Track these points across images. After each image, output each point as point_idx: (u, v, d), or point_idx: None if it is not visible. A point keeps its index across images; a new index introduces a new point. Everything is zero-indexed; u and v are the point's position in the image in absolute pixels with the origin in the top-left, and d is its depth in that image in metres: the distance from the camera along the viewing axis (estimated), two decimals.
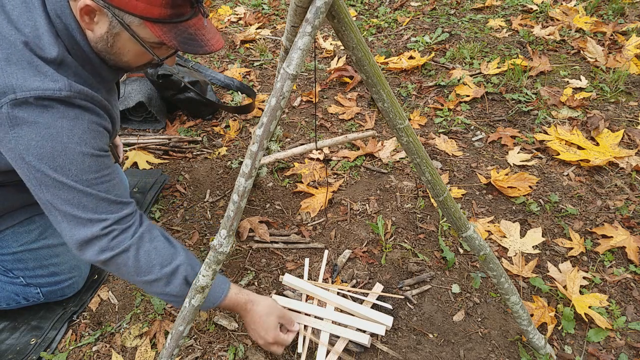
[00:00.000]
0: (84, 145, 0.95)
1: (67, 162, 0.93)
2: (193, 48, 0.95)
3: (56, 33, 0.92)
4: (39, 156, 0.91)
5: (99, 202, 0.98)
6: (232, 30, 3.21)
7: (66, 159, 0.93)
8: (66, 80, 0.91)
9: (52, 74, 0.90)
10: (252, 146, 0.76)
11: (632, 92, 2.23)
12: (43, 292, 1.35)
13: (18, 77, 0.87)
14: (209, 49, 0.96)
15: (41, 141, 0.90)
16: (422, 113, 2.26)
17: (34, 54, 0.89)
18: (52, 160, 0.92)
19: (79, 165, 0.94)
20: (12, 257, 1.28)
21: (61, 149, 0.92)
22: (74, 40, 0.94)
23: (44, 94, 0.88)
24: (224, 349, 1.31)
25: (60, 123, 0.91)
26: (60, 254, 1.36)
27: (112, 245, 1.00)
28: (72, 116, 0.93)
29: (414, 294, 1.42)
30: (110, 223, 0.99)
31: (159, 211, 1.76)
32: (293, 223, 1.71)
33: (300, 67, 0.70)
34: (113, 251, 1.00)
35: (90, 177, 0.97)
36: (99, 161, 0.99)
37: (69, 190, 0.95)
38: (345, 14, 0.72)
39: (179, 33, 0.92)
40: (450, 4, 3.31)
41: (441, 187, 0.95)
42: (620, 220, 1.62)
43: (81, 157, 0.95)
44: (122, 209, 1.03)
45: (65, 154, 0.92)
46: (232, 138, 2.16)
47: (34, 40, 0.89)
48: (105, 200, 0.99)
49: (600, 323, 1.31)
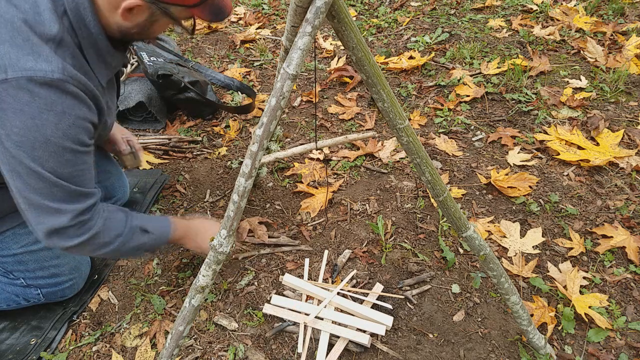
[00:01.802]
0: (66, 140, 0.94)
1: (46, 154, 0.92)
2: (219, 16, 0.99)
3: (61, 11, 0.90)
4: (18, 144, 0.90)
5: (69, 194, 0.99)
6: (232, 30, 3.21)
7: (46, 151, 0.92)
8: (60, 63, 0.89)
9: (47, 54, 0.88)
10: (252, 146, 0.76)
11: (632, 92, 2.23)
12: (43, 293, 1.35)
13: (11, 56, 0.85)
14: (228, 12, 1.01)
15: (24, 130, 0.89)
16: (422, 113, 2.26)
17: (33, 30, 0.87)
18: (32, 150, 0.91)
19: (57, 159, 0.94)
20: (12, 258, 1.28)
21: (43, 142, 0.91)
22: (83, 22, 0.93)
23: (36, 75, 0.86)
24: (224, 349, 1.31)
25: (47, 116, 0.90)
26: (60, 256, 1.36)
27: (81, 232, 1.04)
28: (59, 110, 0.91)
29: (414, 294, 1.42)
30: (78, 213, 1.02)
31: (159, 211, 1.76)
32: (293, 223, 1.71)
33: (300, 67, 0.70)
34: (82, 237, 1.04)
35: (66, 171, 0.97)
36: (78, 156, 0.99)
37: (41, 180, 0.94)
38: (345, 14, 0.72)
39: (212, 8, 0.97)
40: (450, 4, 3.31)
41: (441, 187, 0.95)
42: (620, 220, 1.62)
43: (61, 152, 0.94)
44: (90, 198, 1.05)
45: (46, 147, 0.92)
46: (232, 138, 2.16)
47: (34, 17, 0.88)
48: (76, 192, 1.01)
49: (600, 323, 1.31)
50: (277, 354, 1.29)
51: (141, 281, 1.51)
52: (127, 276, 1.53)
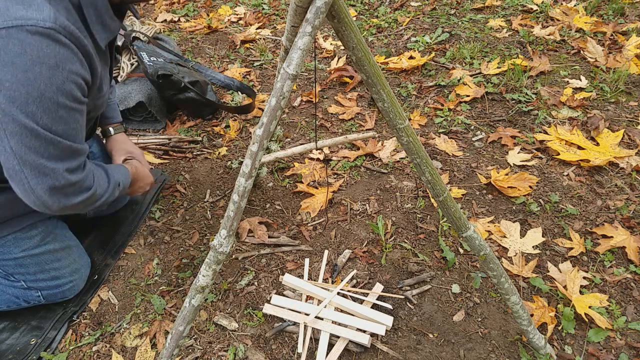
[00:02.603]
0: (61, 95, 0.91)
1: (41, 110, 0.89)
2: None
3: None
4: (11, 98, 0.86)
5: (64, 151, 0.97)
6: (232, 30, 3.21)
7: (40, 106, 0.89)
8: (52, 12, 0.85)
9: (39, 4, 0.84)
10: (252, 146, 0.76)
11: (632, 92, 2.23)
12: (44, 295, 1.35)
13: (0, 7, 0.82)
14: None
15: (16, 84, 0.85)
16: (422, 113, 2.26)
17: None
18: (25, 105, 0.87)
19: (52, 115, 0.91)
20: (13, 262, 1.28)
21: (37, 96, 0.87)
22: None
23: (26, 24, 0.82)
24: (224, 349, 1.31)
25: (39, 69, 0.86)
26: (61, 259, 1.36)
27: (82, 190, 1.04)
28: (52, 64, 0.87)
29: (414, 294, 1.42)
30: (74, 169, 1.01)
31: (159, 211, 1.76)
32: (293, 223, 1.71)
33: (300, 67, 0.70)
34: (83, 195, 1.05)
35: (60, 128, 0.94)
36: (71, 114, 0.96)
37: (36, 137, 0.91)
38: (345, 14, 0.72)
39: None
40: (451, 4, 3.31)
41: (441, 187, 0.95)
42: (620, 220, 1.62)
43: (55, 107, 0.91)
44: (83, 154, 1.04)
45: (40, 102, 0.88)
46: (232, 138, 2.16)
47: None
48: (71, 148, 0.99)
49: (601, 323, 1.31)
50: (277, 354, 1.29)
51: (141, 281, 1.51)
52: (127, 276, 1.53)
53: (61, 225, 1.41)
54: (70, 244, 1.41)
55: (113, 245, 1.61)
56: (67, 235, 1.42)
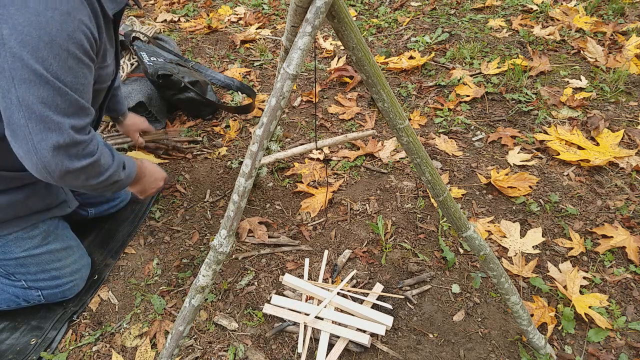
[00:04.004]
0: (71, 43, 0.89)
1: (51, 56, 0.87)
2: None
3: None
4: (22, 42, 0.83)
5: (72, 105, 0.94)
6: (232, 30, 3.21)
7: (51, 52, 0.86)
8: None
9: None
10: (252, 146, 0.76)
11: (632, 92, 2.23)
12: (44, 294, 1.35)
13: None
14: None
15: (28, 27, 0.83)
16: (422, 113, 2.26)
17: None
18: (36, 50, 0.85)
19: (61, 63, 0.89)
20: (14, 262, 1.28)
21: (48, 41, 0.85)
22: None
23: None
24: (224, 349, 1.31)
25: (52, 14, 0.85)
26: (62, 259, 1.36)
27: (85, 154, 0.99)
28: (64, 10, 0.87)
29: (414, 294, 1.42)
30: (80, 128, 0.97)
31: (159, 211, 1.76)
32: (293, 223, 1.71)
33: (300, 67, 0.70)
34: (86, 160, 0.99)
35: (69, 79, 0.92)
36: (80, 66, 0.94)
37: (45, 86, 0.88)
38: (345, 14, 0.72)
39: None
40: (451, 4, 3.31)
41: (441, 187, 0.95)
42: (620, 220, 1.62)
43: (66, 55, 0.89)
44: (89, 115, 1.01)
45: (51, 47, 0.86)
46: (232, 138, 2.16)
47: None
48: (78, 104, 0.96)
49: (601, 323, 1.31)
50: (277, 354, 1.29)
51: (141, 281, 1.51)
52: (127, 276, 1.53)
53: (62, 225, 1.41)
54: (72, 244, 1.41)
55: (113, 245, 1.61)
56: (69, 235, 1.42)
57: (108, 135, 2.16)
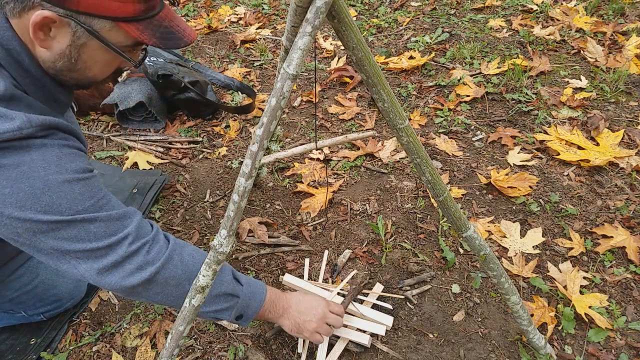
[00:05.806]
0: (65, 172, 0.80)
1: (55, 197, 0.78)
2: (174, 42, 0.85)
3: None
4: (19, 204, 0.75)
5: (109, 224, 0.84)
6: (232, 30, 3.21)
7: (52, 194, 0.78)
8: (23, 116, 0.76)
9: (5, 113, 0.75)
10: (252, 146, 0.76)
11: (632, 92, 2.23)
12: (45, 315, 1.34)
13: None
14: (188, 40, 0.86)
15: (15, 184, 0.75)
16: (422, 113, 2.26)
17: None
18: (37, 201, 0.76)
19: (69, 197, 0.80)
20: (9, 303, 1.26)
21: (42, 185, 0.77)
22: (21, 67, 0.81)
23: (3, 137, 0.73)
24: (224, 349, 1.31)
25: (29, 157, 0.76)
26: (57, 285, 1.31)
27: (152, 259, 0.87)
28: (38, 144, 0.78)
29: (414, 294, 1.42)
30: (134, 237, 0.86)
31: (159, 211, 1.76)
32: (293, 223, 1.71)
33: (300, 67, 0.70)
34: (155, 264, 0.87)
35: (88, 205, 0.82)
36: (89, 184, 0.84)
37: (71, 226, 0.80)
38: (345, 14, 0.72)
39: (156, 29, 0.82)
40: (451, 4, 3.31)
41: (441, 187, 0.95)
42: (620, 220, 1.62)
43: (68, 187, 0.80)
44: (132, 216, 0.90)
45: (49, 190, 0.77)
46: (232, 138, 2.16)
47: None
48: (112, 217, 0.85)
49: (601, 323, 1.31)
50: (277, 354, 1.29)
51: None
52: None
53: None
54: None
55: None
56: None
57: (108, 135, 2.16)
